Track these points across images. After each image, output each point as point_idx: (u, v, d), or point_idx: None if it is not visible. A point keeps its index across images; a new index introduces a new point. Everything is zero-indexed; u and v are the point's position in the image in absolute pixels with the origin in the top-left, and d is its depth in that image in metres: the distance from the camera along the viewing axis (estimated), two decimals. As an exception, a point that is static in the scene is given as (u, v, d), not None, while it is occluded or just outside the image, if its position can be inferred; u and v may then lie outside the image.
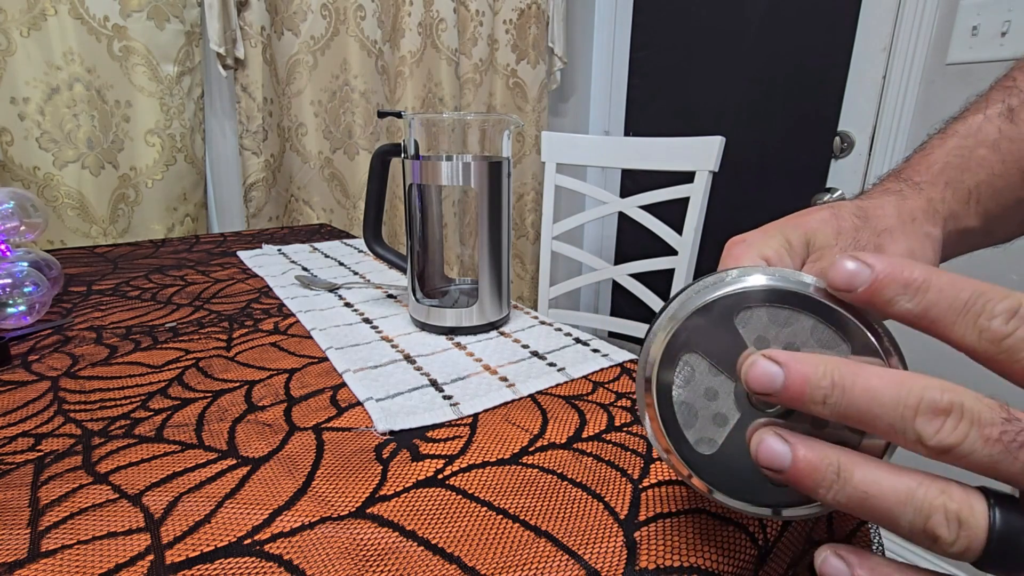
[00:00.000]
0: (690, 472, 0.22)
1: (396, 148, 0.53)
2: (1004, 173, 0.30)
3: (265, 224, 1.22)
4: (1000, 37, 0.97)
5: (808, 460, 0.17)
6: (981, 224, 0.31)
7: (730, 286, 0.20)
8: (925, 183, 0.30)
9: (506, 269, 0.53)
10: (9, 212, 0.58)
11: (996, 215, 0.31)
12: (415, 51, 1.33)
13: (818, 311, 0.20)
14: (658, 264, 1.13)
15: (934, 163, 0.31)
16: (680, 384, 0.21)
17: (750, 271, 0.21)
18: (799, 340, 0.20)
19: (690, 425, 0.21)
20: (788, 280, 0.20)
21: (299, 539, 0.26)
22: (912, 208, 0.29)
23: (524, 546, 0.26)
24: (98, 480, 0.30)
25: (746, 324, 0.20)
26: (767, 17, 1.32)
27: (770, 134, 1.36)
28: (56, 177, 0.99)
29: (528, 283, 1.73)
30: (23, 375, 0.43)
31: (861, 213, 0.28)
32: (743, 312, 0.20)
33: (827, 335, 0.20)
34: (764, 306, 0.20)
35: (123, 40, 1.00)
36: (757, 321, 0.20)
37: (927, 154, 0.31)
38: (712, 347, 0.21)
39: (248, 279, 0.69)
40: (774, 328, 0.20)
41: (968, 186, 0.30)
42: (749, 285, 0.20)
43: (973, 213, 0.30)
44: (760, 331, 0.20)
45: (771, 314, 0.20)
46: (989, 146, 0.30)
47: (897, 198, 0.29)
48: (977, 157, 0.30)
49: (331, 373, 0.44)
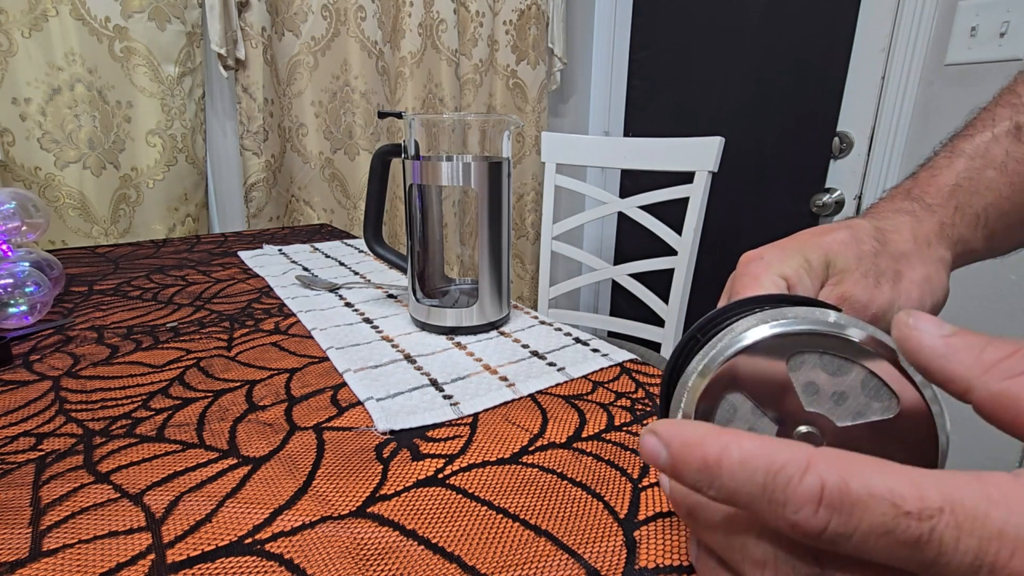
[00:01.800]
0: None
1: (396, 148, 0.53)
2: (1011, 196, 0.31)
3: (266, 224, 1.22)
4: (999, 38, 0.97)
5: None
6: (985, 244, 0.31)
7: (788, 326, 0.20)
8: (937, 205, 0.31)
9: (506, 269, 0.53)
10: (11, 212, 0.58)
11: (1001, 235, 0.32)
12: (415, 52, 1.33)
13: (870, 363, 0.19)
14: (658, 264, 1.14)
15: (944, 185, 0.31)
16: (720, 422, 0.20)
17: (809, 312, 0.20)
18: (849, 391, 0.19)
19: None
20: (850, 327, 0.19)
21: (300, 538, 0.26)
22: (927, 232, 0.30)
23: (524, 545, 0.26)
24: (99, 479, 0.30)
25: (798, 368, 0.20)
26: (766, 17, 1.32)
27: (769, 134, 1.36)
28: (57, 177, 0.99)
29: (528, 283, 1.73)
30: (24, 375, 0.43)
31: (879, 236, 0.29)
32: (797, 356, 0.20)
33: (877, 387, 0.19)
34: (818, 352, 0.20)
35: (124, 41, 1.00)
36: (809, 366, 0.20)
37: (935, 173, 0.32)
38: (759, 388, 0.20)
39: (249, 279, 0.69)
40: (824, 375, 0.20)
41: (976, 210, 0.31)
42: (807, 328, 0.19)
43: (980, 236, 0.31)
44: (811, 376, 0.20)
45: (824, 362, 0.19)
46: (997, 167, 0.31)
47: (912, 220, 0.30)
48: (985, 179, 0.31)
49: (332, 373, 0.44)
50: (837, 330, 0.19)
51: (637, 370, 0.45)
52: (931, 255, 0.29)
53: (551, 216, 1.24)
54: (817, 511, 0.14)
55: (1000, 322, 1.04)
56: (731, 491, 0.15)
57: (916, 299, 0.28)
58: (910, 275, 0.28)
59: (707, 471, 0.16)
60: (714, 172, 1.06)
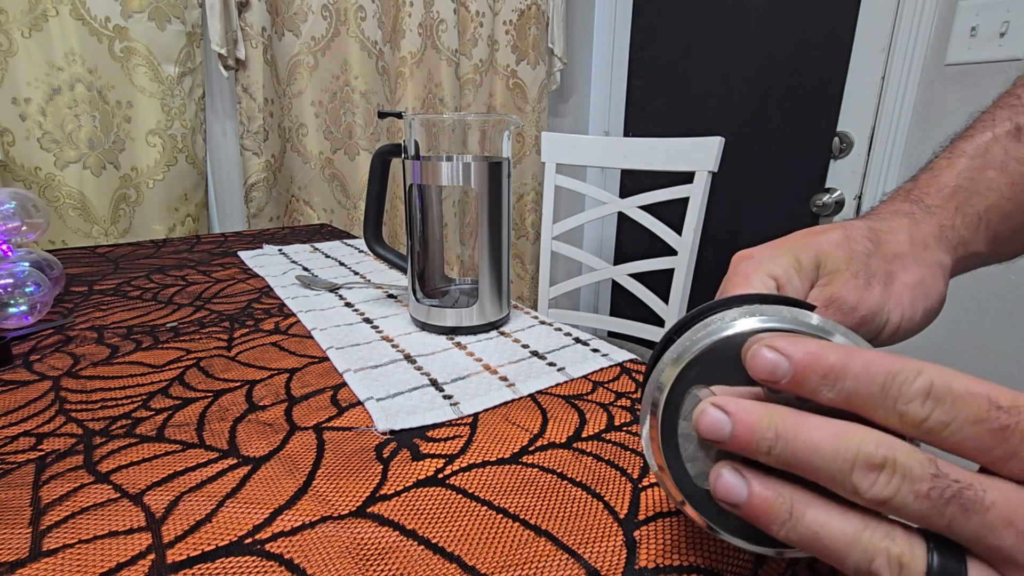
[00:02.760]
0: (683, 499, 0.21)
1: (396, 148, 0.53)
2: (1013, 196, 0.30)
3: (266, 224, 1.22)
4: (999, 38, 0.97)
5: (763, 497, 0.18)
6: (988, 248, 0.31)
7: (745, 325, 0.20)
8: (936, 207, 0.30)
9: (506, 269, 0.53)
10: (11, 212, 0.58)
11: (1004, 238, 0.31)
12: (415, 52, 1.33)
13: None
14: (658, 264, 1.14)
15: (944, 186, 0.30)
16: (686, 416, 0.21)
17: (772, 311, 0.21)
18: None
19: (692, 458, 0.21)
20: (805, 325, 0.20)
21: (300, 538, 0.26)
22: (924, 234, 0.29)
23: (524, 545, 0.26)
24: (99, 479, 0.30)
25: None
26: (766, 18, 1.32)
27: (769, 135, 1.36)
28: (57, 177, 0.99)
29: (528, 283, 1.73)
30: (24, 375, 0.43)
31: (873, 237, 0.28)
32: None
33: None
34: None
35: (124, 41, 1.00)
36: None
37: (936, 175, 0.31)
38: (724, 383, 0.20)
39: (249, 279, 0.69)
40: None
41: (978, 211, 0.30)
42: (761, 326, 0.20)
43: (982, 239, 0.30)
44: None
45: None
46: (997, 168, 0.30)
47: (909, 222, 0.29)
48: (986, 179, 0.30)
49: (332, 373, 0.44)
50: (797, 326, 0.20)
51: (637, 370, 0.45)
52: (927, 258, 0.28)
53: (551, 216, 1.24)
54: (924, 402, 0.16)
55: (1000, 322, 1.04)
56: (851, 391, 0.17)
57: (907, 302, 0.27)
58: (903, 278, 0.28)
59: (832, 374, 0.17)
60: (714, 172, 1.06)
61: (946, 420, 0.16)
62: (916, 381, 0.16)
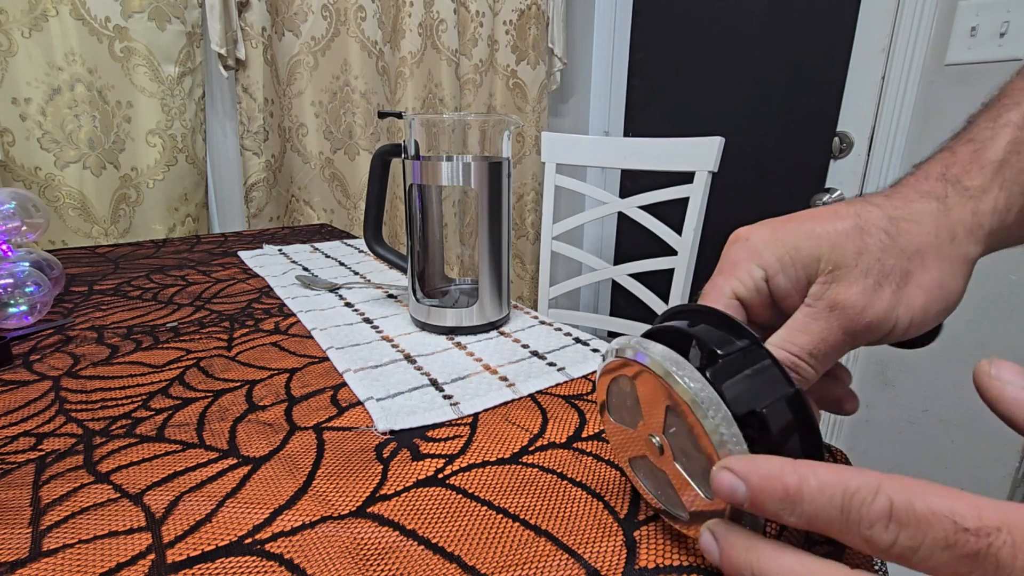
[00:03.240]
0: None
1: (396, 148, 0.53)
2: None
3: (266, 224, 1.22)
4: (999, 38, 0.97)
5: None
6: None
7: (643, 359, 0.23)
8: (976, 188, 0.26)
9: (506, 269, 0.53)
10: (11, 212, 0.58)
11: None
12: (415, 52, 1.33)
13: None
14: (658, 264, 1.14)
15: (987, 163, 0.26)
16: (613, 397, 0.27)
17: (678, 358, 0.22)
18: None
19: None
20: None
21: (300, 538, 0.26)
22: (954, 223, 0.25)
23: (524, 545, 0.26)
24: (99, 479, 0.30)
25: None
26: (766, 17, 1.32)
27: (769, 134, 1.36)
28: (57, 177, 0.99)
29: (528, 283, 1.73)
30: (24, 375, 0.43)
31: (891, 228, 0.25)
32: None
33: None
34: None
35: (124, 41, 1.00)
36: None
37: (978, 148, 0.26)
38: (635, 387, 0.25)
39: (249, 279, 0.69)
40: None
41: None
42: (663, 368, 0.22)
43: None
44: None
45: None
46: None
47: (939, 208, 0.25)
48: None
49: (332, 373, 0.44)
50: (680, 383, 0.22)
51: (637, 370, 0.45)
52: (952, 253, 0.25)
53: (551, 216, 1.24)
54: (888, 527, 0.16)
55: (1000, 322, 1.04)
56: (811, 515, 0.17)
57: (919, 306, 0.24)
58: (919, 278, 0.24)
59: (789, 499, 0.18)
60: (714, 172, 1.06)
61: (913, 546, 0.16)
62: (875, 502, 0.16)
